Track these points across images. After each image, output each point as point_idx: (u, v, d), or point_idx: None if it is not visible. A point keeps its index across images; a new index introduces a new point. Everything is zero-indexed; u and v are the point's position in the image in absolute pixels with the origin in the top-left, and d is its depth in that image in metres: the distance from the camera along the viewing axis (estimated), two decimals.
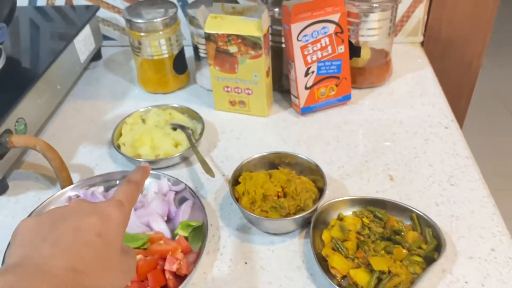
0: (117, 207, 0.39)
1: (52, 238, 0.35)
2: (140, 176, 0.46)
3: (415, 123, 0.79)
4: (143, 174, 0.47)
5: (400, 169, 0.71)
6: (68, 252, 0.34)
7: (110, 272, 0.37)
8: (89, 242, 0.36)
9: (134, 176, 0.46)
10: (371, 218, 0.61)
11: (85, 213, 0.38)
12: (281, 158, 0.68)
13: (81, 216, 0.37)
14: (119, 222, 0.39)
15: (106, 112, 0.88)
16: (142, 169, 0.48)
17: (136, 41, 0.86)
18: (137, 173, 0.46)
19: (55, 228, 0.36)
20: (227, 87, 0.82)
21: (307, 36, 0.76)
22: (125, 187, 0.43)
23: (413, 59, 0.97)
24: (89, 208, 0.39)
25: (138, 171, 0.47)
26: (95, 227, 0.37)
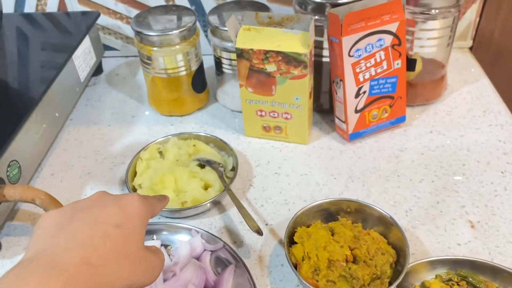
0: (139, 199, 0.38)
1: (69, 230, 0.34)
2: (162, 204, 0.45)
3: (485, 151, 0.67)
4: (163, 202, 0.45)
5: (481, 212, 0.58)
6: (83, 245, 0.33)
7: (129, 266, 0.34)
8: (106, 233, 0.34)
9: (156, 199, 0.44)
10: (465, 287, 0.49)
11: (105, 204, 0.36)
12: (340, 205, 0.56)
13: (101, 208, 0.36)
14: (140, 213, 0.37)
15: (114, 142, 0.74)
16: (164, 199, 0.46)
17: (147, 55, 0.72)
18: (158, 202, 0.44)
19: (74, 220, 0.35)
20: (260, 110, 0.69)
21: (360, 50, 0.63)
22: (156, 200, 0.43)
23: (465, 68, 0.85)
24: (110, 199, 0.37)
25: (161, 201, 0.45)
26: (114, 217, 0.35)
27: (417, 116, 0.74)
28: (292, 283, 0.52)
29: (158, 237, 0.56)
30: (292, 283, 0.52)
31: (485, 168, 0.64)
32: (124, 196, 0.38)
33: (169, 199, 0.47)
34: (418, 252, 0.54)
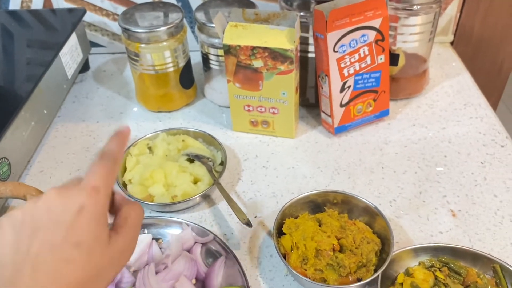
0: (90, 197, 0.33)
1: (31, 257, 0.31)
2: (116, 147, 0.38)
3: (466, 142, 0.69)
4: (120, 144, 0.38)
5: (461, 201, 0.61)
6: (50, 277, 0.31)
7: (103, 275, 0.33)
8: (68, 259, 0.32)
9: (109, 148, 0.37)
10: (446, 272, 0.51)
11: (56, 220, 0.33)
12: (327, 197, 0.57)
13: (55, 224, 0.33)
14: (94, 215, 0.33)
15: (102, 138, 0.75)
16: (119, 137, 0.38)
17: (134, 52, 0.72)
18: (113, 143, 0.38)
19: (33, 242, 0.32)
20: (248, 106, 0.70)
21: (345, 46, 0.64)
22: (98, 166, 0.35)
23: (446, 62, 0.87)
24: (60, 211, 0.33)
25: (114, 140, 0.38)
26: (70, 236, 0.32)
27: (400, 110, 0.76)
28: (281, 273, 0.54)
29: (149, 231, 0.57)
30: (281, 273, 0.54)
31: (466, 159, 0.67)
32: (74, 200, 0.33)
33: (129, 132, 0.39)
34: (402, 240, 0.56)
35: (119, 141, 0.38)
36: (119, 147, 0.38)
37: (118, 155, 0.37)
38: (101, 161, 0.36)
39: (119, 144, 0.38)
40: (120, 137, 0.38)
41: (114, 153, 0.37)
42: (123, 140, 0.38)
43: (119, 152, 0.38)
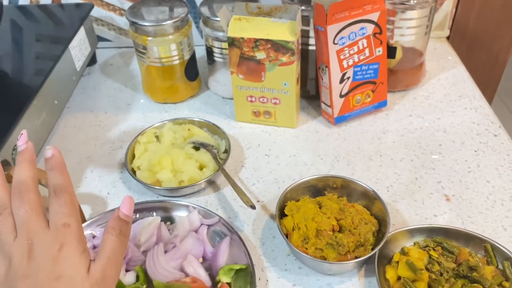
0: (64, 234, 0.37)
1: None
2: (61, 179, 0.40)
3: (460, 132, 0.72)
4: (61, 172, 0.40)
5: (455, 187, 0.64)
6: None
7: None
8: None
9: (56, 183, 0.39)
10: (440, 251, 0.53)
11: (38, 264, 0.36)
12: (327, 182, 0.60)
13: (36, 271, 0.35)
14: (73, 248, 0.37)
15: (111, 128, 0.77)
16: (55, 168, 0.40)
17: (142, 45, 0.75)
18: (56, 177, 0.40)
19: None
20: (251, 96, 0.73)
21: (344, 38, 0.67)
22: (58, 204, 0.38)
23: (443, 56, 0.90)
24: (41, 257, 0.36)
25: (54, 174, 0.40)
26: (52, 273, 0.35)
27: (398, 101, 0.79)
28: (283, 253, 0.56)
29: (158, 214, 0.60)
30: (283, 252, 0.57)
31: (460, 148, 0.70)
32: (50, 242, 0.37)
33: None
34: (398, 223, 0.59)
35: (59, 171, 0.40)
36: (63, 176, 0.40)
37: (67, 184, 0.39)
38: (58, 199, 0.38)
39: (61, 173, 0.40)
40: (56, 167, 0.40)
41: (62, 185, 0.39)
42: (60, 166, 0.40)
43: (65, 180, 0.40)
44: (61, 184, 0.39)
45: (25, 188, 0.39)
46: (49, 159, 0.40)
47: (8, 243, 0.37)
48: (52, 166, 0.40)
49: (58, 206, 0.38)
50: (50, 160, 0.40)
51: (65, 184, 0.39)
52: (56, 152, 0.41)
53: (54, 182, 0.39)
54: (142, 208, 0.61)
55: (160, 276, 0.52)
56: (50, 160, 0.40)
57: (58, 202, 0.38)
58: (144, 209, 0.60)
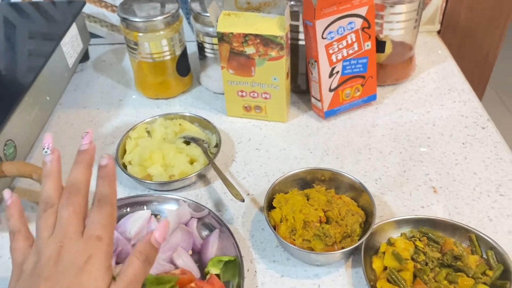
0: (95, 247, 0.37)
1: None
2: (108, 189, 0.39)
3: (449, 125, 0.73)
4: (110, 184, 0.40)
5: (443, 179, 0.64)
6: None
7: None
8: None
9: (102, 193, 0.39)
10: (425, 242, 0.54)
11: (63, 272, 0.36)
12: (315, 174, 0.61)
13: (60, 277, 0.36)
14: (99, 264, 0.37)
15: (103, 124, 0.78)
16: (106, 178, 0.40)
17: (133, 41, 0.76)
18: (104, 187, 0.40)
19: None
20: (241, 91, 0.73)
21: (333, 33, 0.68)
22: (98, 214, 0.38)
23: (433, 50, 0.90)
24: (68, 264, 0.36)
25: (103, 183, 0.40)
26: (74, 285, 0.35)
27: (387, 95, 0.80)
28: (272, 244, 0.57)
29: (148, 208, 0.61)
30: (272, 244, 0.57)
31: (448, 140, 0.70)
32: (79, 250, 0.37)
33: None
34: (386, 214, 0.60)
35: (109, 182, 0.40)
36: (111, 187, 0.40)
37: (112, 197, 0.39)
38: (99, 208, 0.38)
39: (110, 184, 0.40)
40: (107, 177, 0.40)
41: (108, 197, 0.39)
42: (112, 178, 0.40)
43: (112, 192, 0.39)
44: (107, 195, 0.39)
45: (75, 191, 0.39)
46: (103, 167, 0.40)
47: (43, 239, 0.38)
48: (104, 175, 0.40)
49: (97, 216, 0.38)
50: (104, 169, 0.40)
51: (111, 196, 0.39)
52: (111, 163, 0.41)
53: (101, 191, 0.39)
54: (133, 202, 0.61)
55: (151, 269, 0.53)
56: (104, 169, 0.40)
57: (99, 212, 0.38)
58: (135, 203, 0.61)
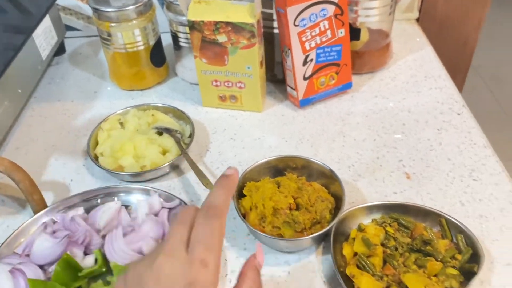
0: (198, 273, 0.31)
1: None
2: (222, 200, 0.35)
3: (424, 111, 0.73)
4: (227, 194, 0.35)
5: (416, 165, 0.64)
6: None
7: None
8: None
9: (215, 202, 0.34)
10: (396, 227, 0.54)
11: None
12: (287, 162, 0.60)
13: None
14: None
15: (77, 116, 0.77)
16: (225, 185, 0.36)
17: (106, 32, 0.75)
18: (219, 195, 0.35)
19: None
20: (215, 81, 0.73)
21: (305, 20, 0.67)
22: (204, 230, 0.33)
23: (411, 38, 0.90)
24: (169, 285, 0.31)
25: (220, 190, 0.35)
26: None
27: (364, 83, 0.79)
28: (243, 233, 0.57)
29: (119, 199, 0.60)
30: (243, 233, 0.57)
31: (423, 127, 0.70)
32: (182, 272, 0.31)
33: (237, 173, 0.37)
34: (358, 201, 0.60)
35: (225, 191, 0.36)
36: (225, 200, 0.35)
37: (225, 210, 0.34)
38: (207, 222, 0.33)
39: (226, 194, 0.35)
40: (226, 186, 0.36)
41: (220, 209, 0.34)
42: (231, 187, 0.36)
43: (226, 205, 0.35)
44: (218, 207, 0.34)
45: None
46: (225, 176, 0.37)
47: (161, 247, 0.33)
48: (223, 184, 0.36)
49: (204, 231, 0.33)
50: (226, 178, 0.37)
51: (223, 208, 0.35)
52: (236, 175, 0.37)
53: (214, 200, 0.35)
54: (103, 193, 0.61)
55: (119, 259, 0.52)
56: (225, 178, 0.37)
57: (207, 226, 0.33)
58: (106, 194, 0.60)
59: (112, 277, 0.51)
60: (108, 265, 0.52)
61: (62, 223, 0.56)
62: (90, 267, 0.52)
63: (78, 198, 0.60)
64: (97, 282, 0.51)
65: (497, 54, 2.34)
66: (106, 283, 0.51)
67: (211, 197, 0.35)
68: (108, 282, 0.51)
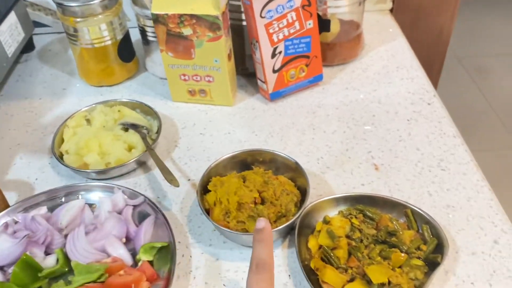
0: None
1: None
2: (267, 255, 0.38)
3: (395, 102, 0.72)
4: (268, 248, 0.39)
5: (385, 156, 0.64)
6: None
7: None
8: None
9: (261, 258, 0.38)
10: (361, 219, 0.54)
11: None
12: (254, 156, 0.60)
13: None
14: None
15: (44, 114, 0.76)
16: (264, 241, 0.39)
17: (72, 27, 0.73)
18: (262, 251, 0.39)
19: None
20: (183, 75, 0.71)
21: (272, 11, 0.66)
22: (258, 281, 0.37)
23: (384, 29, 0.89)
24: None
25: (261, 247, 0.39)
26: None
27: (335, 75, 0.79)
28: (209, 229, 0.56)
29: (83, 197, 0.59)
30: (209, 228, 0.56)
31: (393, 118, 0.70)
32: None
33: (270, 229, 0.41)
34: (326, 193, 0.59)
35: (265, 244, 0.39)
36: (269, 252, 0.39)
37: (271, 263, 0.38)
38: (259, 274, 0.37)
39: (268, 248, 0.39)
40: (264, 239, 0.39)
41: (267, 264, 0.38)
42: (269, 239, 0.39)
43: (270, 257, 0.39)
44: (265, 260, 0.38)
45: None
46: (260, 230, 0.40)
47: None
48: (261, 239, 0.39)
49: (256, 281, 0.37)
50: (261, 232, 0.40)
51: (269, 261, 0.38)
52: (268, 226, 0.40)
53: (260, 256, 0.38)
54: (67, 192, 0.59)
55: (81, 258, 0.51)
56: (261, 232, 0.40)
57: (258, 278, 0.37)
58: (70, 193, 0.59)
59: (74, 277, 0.50)
60: (70, 264, 0.51)
61: (24, 223, 0.55)
62: (51, 267, 0.51)
63: (42, 197, 0.59)
64: (58, 282, 0.50)
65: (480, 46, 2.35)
66: (67, 283, 0.50)
67: (254, 254, 0.39)
68: (70, 282, 0.50)
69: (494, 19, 2.55)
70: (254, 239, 0.39)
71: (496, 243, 0.52)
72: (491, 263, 0.50)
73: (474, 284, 0.49)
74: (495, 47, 2.35)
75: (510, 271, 0.50)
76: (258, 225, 0.40)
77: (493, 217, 0.55)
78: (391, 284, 0.47)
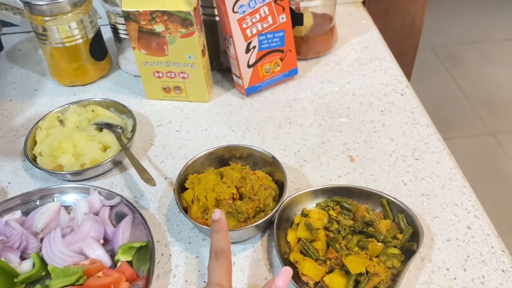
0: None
1: None
2: (223, 243, 0.43)
3: (369, 93, 0.73)
4: (224, 237, 0.43)
5: (360, 147, 0.65)
6: None
7: None
8: None
9: (218, 246, 0.42)
10: (338, 210, 0.54)
11: None
12: (232, 152, 0.60)
13: None
14: None
15: (16, 115, 0.74)
16: (219, 231, 0.43)
17: (41, 27, 0.71)
18: (218, 240, 0.43)
19: None
20: (157, 72, 0.71)
21: (244, 6, 0.66)
22: (216, 266, 0.41)
23: (356, 21, 0.90)
24: None
25: (218, 237, 0.43)
26: None
27: (310, 69, 0.79)
28: (188, 227, 0.56)
29: (58, 199, 0.58)
30: (188, 226, 0.56)
31: (367, 109, 0.71)
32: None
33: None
34: (303, 186, 0.60)
35: (221, 233, 0.43)
36: (226, 241, 0.43)
37: (228, 250, 0.42)
38: (218, 261, 0.41)
39: (225, 237, 0.43)
40: (220, 229, 0.43)
41: (225, 251, 0.42)
42: (224, 229, 0.43)
43: (227, 245, 0.43)
44: (223, 249, 0.42)
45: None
46: (216, 222, 0.44)
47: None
48: (218, 229, 0.43)
49: (215, 267, 0.41)
50: (217, 223, 0.44)
51: (226, 248, 0.42)
52: (223, 216, 0.44)
53: (217, 245, 0.42)
54: (42, 195, 0.58)
55: (58, 261, 0.51)
56: (217, 223, 0.44)
57: (217, 264, 0.41)
58: (44, 196, 0.58)
59: (51, 281, 0.49)
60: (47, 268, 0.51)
61: None
62: (27, 272, 0.50)
63: (15, 201, 0.58)
64: (35, 287, 0.50)
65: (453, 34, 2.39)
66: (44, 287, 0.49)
67: (213, 243, 0.43)
68: (47, 286, 0.49)
69: (466, 7, 2.60)
70: (211, 230, 0.43)
71: (469, 228, 0.54)
72: (465, 249, 0.52)
73: (449, 270, 0.50)
74: (467, 35, 2.40)
75: (483, 255, 0.51)
76: (214, 216, 0.44)
77: (466, 203, 0.56)
78: (369, 273, 0.48)
